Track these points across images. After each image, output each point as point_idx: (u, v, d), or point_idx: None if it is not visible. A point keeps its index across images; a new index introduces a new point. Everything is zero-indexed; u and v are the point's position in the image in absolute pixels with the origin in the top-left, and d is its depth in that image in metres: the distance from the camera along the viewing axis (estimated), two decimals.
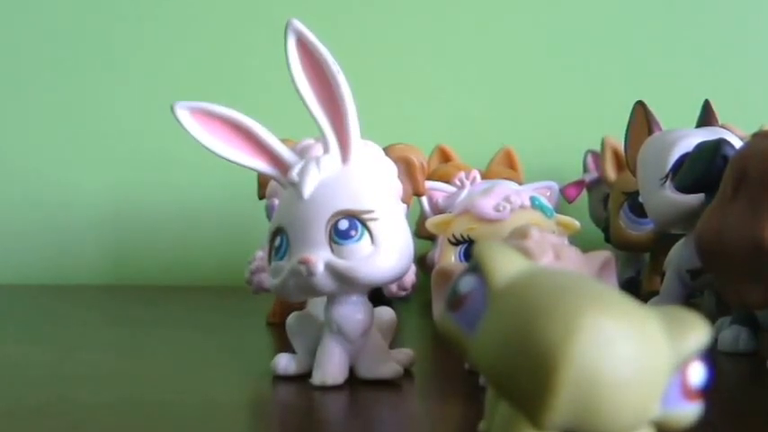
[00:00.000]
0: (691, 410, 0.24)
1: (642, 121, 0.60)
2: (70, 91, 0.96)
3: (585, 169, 0.83)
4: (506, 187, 0.50)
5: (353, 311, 0.45)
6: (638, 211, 0.67)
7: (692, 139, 0.54)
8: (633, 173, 0.61)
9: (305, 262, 0.42)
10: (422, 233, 0.63)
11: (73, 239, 0.96)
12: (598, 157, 0.77)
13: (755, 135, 0.46)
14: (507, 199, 0.48)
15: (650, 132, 0.59)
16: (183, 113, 0.43)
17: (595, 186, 0.81)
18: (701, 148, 0.51)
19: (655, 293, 0.60)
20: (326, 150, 0.43)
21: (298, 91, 0.42)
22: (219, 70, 0.95)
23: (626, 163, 0.64)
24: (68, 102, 0.96)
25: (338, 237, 0.42)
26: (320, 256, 0.42)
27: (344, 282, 0.43)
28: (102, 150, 0.96)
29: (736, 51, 0.97)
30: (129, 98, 0.96)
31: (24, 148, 0.97)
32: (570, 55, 0.94)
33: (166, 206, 0.95)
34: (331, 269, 0.42)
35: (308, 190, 0.43)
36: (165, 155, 0.93)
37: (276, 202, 0.53)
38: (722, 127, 0.59)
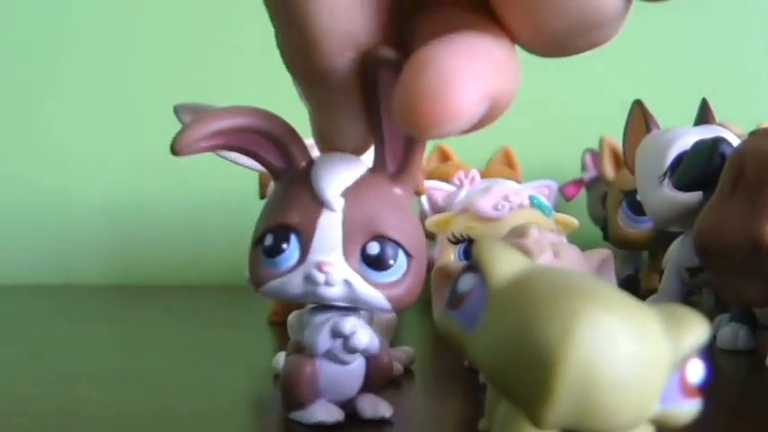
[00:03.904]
0: (690, 407, 0.24)
1: (640, 119, 0.61)
2: (74, 92, 0.96)
3: (584, 168, 0.83)
4: (505, 186, 0.50)
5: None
6: (637, 209, 0.68)
7: (689, 137, 0.54)
8: (631, 171, 0.61)
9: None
10: None
11: (76, 240, 0.96)
12: (596, 155, 0.78)
13: (753, 133, 0.47)
14: (506, 198, 0.48)
15: (648, 131, 0.60)
16: (186, 116, 0.43)
17: (594, 185, 0.82)
18: (699, 146, 0.51)
19: (653, 291, 0.60)
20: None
21: None
22: (225, 72, 0.95)
23: (624, 162, 0.64)
24: (71, 103, 0.96)
25: None
26: None
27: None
28: (105, 152, 0.96)
29: (733, 50, 0.97)
30: (133, 99, 0.96)
31: (29, 149, 0.97)
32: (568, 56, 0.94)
33: (168, 206, 0.95)
34: None
35: None
36: (166, 156, 0.93)
37: None
38: (720, 125, 0.59)
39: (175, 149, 0.32)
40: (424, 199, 0.60)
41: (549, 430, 0.22)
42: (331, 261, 0.34)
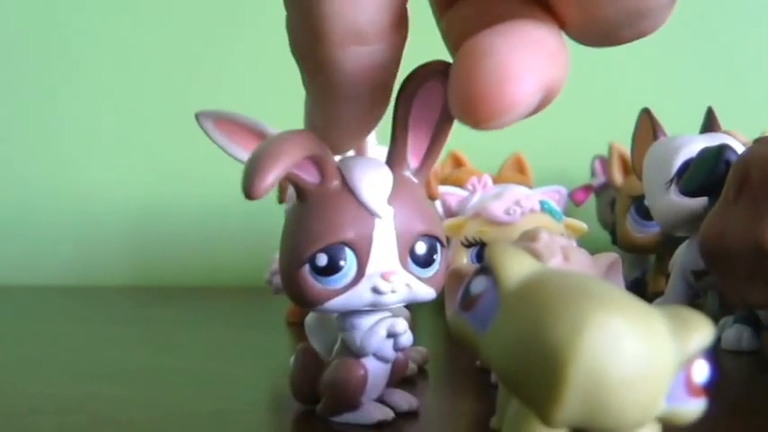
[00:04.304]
0: (695, 407, 0.24)
1: (648, 127, 0.61)
2: (94, 98, 0.97)
3: (593, 174, 0.84)
4: (517, 192, 0.51)
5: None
6: (645, 214, 0.68)
7: (695, 144, 0.55)
8: (639, 177, 0.61)
9: None
10: None
11: (98, 243, 0.97)
12: (605, 162, 0.78)
13: (757, 141, 0.47)
14: (518, 203, 0.49)
15: (655, 138, 0.60)
16: (207, 122, 0.44)
17: (603, 190, 0.82)
18: (705, 153, 0.51)
19: (660, 294, 0.60)
20: None
21: None
22: (245, 78, 0.96)
23: (632, 168, 0.65)
24: (94, 109, 0.97)
25: None
26: None
27: None
28: (128, 157, 0.97)
29: (738, 60, 0.97)
30: (153, 104, 0.97)
31: (49, 152, 0.98)
32: (578, 65, 0.94)
33: (188, 210, 0.96)
34: None
35: None
36: (186, 160, 0.95)
37: None
38: (725, 133, 0.59)
39: (252, 196, 0.32)
40: (438, 204, 0.61)
41: (558, 429, 0.23)
42: (393, 269, 0.36)
